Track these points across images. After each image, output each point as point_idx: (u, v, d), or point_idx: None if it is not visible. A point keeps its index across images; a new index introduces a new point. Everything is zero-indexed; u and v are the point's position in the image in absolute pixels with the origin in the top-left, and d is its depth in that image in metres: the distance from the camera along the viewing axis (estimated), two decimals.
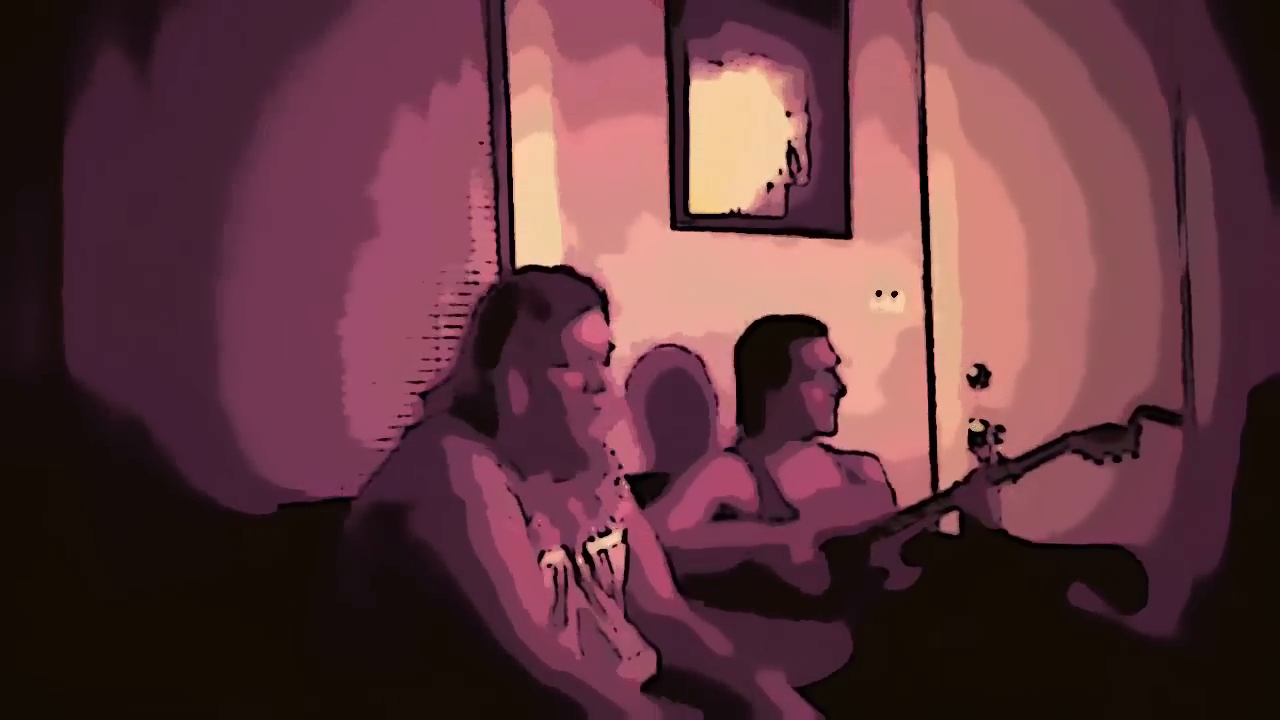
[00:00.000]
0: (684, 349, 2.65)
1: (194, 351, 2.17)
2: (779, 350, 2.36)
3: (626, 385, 2.54)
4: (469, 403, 1.67)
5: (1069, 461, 2.26)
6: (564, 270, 1.77)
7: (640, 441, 2.59)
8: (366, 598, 1.61)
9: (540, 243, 2.45)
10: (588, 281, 1.73)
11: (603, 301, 1.72)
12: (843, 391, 2.38)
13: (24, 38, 1.96)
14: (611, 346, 1.72)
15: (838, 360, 2.38)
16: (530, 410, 1.65)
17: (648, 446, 2.60)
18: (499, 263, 2.48)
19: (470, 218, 2.47)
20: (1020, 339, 3.18)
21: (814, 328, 2.39)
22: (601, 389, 1.69)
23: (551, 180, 2.48)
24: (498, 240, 2.48)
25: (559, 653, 1.57)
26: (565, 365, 1.65)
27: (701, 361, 2.67)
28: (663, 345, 2.62)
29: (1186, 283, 3.43)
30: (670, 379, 2.64)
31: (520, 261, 2.43)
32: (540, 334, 1.65)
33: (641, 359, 2.58)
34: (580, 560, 1.72)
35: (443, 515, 1.55)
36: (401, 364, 2.38)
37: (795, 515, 2.24)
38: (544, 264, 1.95)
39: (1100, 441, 2.25)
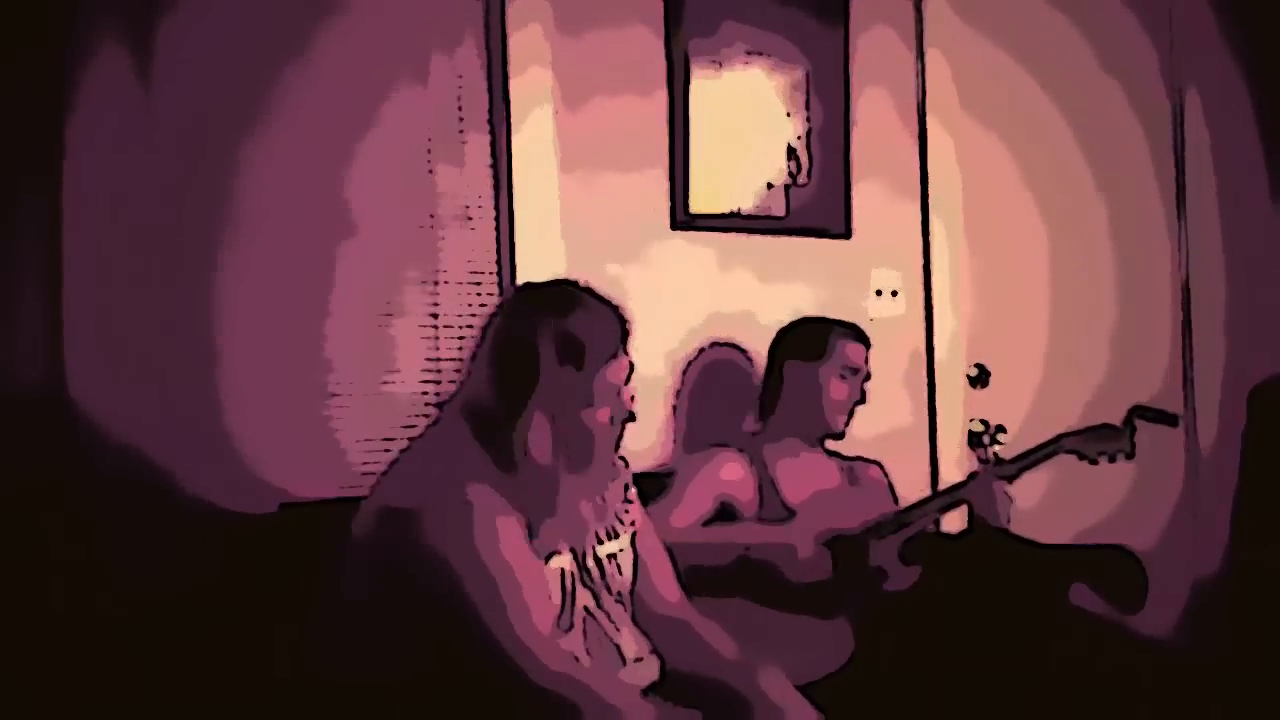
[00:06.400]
0: (737, 347, 2.69)
1: (194, 352, 2.18)
2: (821, 335, 2.40)
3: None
4: (482, 418, 1.64)
5: (1069, 464, 2.26)
6: (585, 292, 1.70)
7: (676, 435, 2.63)
8: (369, 598, 1.61)
9: (540, 244, 2.45)
10: (608, 304, 1.68)
11: (627, 332, 1.68)
12: (861, 400, 2.39)
13: (23, 36, 1.97)
14: (632, 368, 1.71)
15: (868, 375, 2.41)
16: (554, 456, 1.63)
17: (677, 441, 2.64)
18: (499, 264, 2.48)
19: (470, 217, 2.47)
20: (1021, 339, 3.17)
21: (860, 333, 2.43)
22: (629, 419, 1.70)
23: (553, 180, 2.48)
24: (498, 243, 2.48)
25: (559, 655, 1.58)
26: (594, 405, 1.64)
27: (750, 359, 2.69)
28: (715, 343, 2.67)
29: (1186, 282, 3.43)
30: (720, 375, 2.68)
31: (520, 263, 2.44)
32: (571, 381, 1.62)
33: (695, 355, 2.65)
34: (590, 563, 1.73)
35: (450, 520, 1.56)
36: (402, 364, 2.38)
37: (793, 516, 2.24)
38: (551, 274, 1.95)
39: (1094, 442, 2.25)
